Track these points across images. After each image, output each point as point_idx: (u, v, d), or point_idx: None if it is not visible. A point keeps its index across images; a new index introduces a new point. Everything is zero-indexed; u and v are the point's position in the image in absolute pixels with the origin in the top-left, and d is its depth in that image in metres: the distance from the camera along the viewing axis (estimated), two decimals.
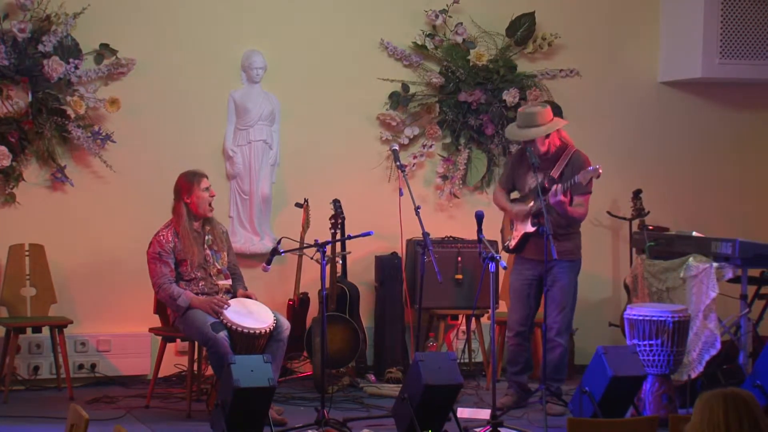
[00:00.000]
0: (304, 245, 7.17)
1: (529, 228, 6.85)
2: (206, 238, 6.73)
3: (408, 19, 8.16)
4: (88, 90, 7.42)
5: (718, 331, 6.83)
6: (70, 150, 7.48)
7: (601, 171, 6.58)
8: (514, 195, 7.11)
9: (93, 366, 7.50)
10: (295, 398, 7.14)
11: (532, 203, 6.82)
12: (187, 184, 6.70)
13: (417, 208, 6.66)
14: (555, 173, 6.78)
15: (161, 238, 6.65)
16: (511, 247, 7.01)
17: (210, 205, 6.72)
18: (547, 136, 6.80)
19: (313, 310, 7.67)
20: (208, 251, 6.70)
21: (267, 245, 7.58)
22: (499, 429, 6.08)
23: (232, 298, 6.68)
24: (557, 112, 8.36)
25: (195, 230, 6.69)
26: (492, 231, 7.34)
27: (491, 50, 8.28)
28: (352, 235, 6.70)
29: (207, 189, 6.69)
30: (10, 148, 7.23)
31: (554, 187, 6.62)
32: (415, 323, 6.89)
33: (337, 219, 7.50)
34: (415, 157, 8.19)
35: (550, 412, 6.56)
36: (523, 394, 6.96)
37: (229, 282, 6.75)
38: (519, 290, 6.95)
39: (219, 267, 6.74)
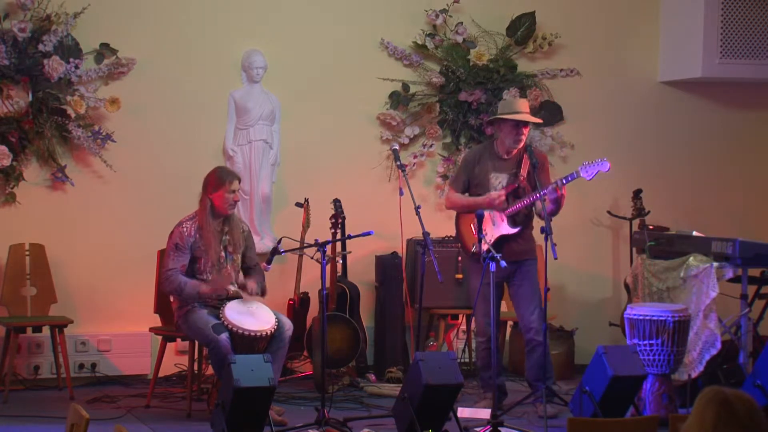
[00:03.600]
0: (305, 245, 7.17)
1: (507, 230, 6.71)
2: (224, 238, 6.69)
3: (408, 18, 8.17)
4: (89, 90, 7.42)
5: (719, 330, 6.83)
6: (71, 150, 7.48)
7: (610, 165, 6.52)
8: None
9: (93, 366, 7.50)
10: (296, 398, 7.14)
11: (509, 185, 6.69)
12: (216, 181, 6.59)
13: (417, 208, 6.64)
14: (523, 171, 6.72)
15: (183, 230, 6.58)
16: (483, 252, 6.47)
17: (231, 206, 6.63)
18: None
19: (314, 309, 7.67)
20: (222, 252, 6.68)
21: (267, 245, 7.58)
22: (499, 429, 6.07)
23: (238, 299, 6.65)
24: (557, 111, 8.39)
25: (215, 229, 6.63)
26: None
27: (491, 50, 8.28)
28: (352, 234, 6.69)
29: (233, 192, 6.57)
30: (10, 148, 7.23)
31: (556, 181, 6.57)
32: (416, 323, 6.88)
33: (338, 219, 7.50)
34: (415, 157, 8.19)
35: (543, 414, 6.55)
36: (503, 396, 6.86)
37: (236, 288, 6.71)
38: (488, 294, 6.55)
39: (229, 270, 6.68)
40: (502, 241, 6.73)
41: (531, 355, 6.79)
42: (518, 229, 6.72)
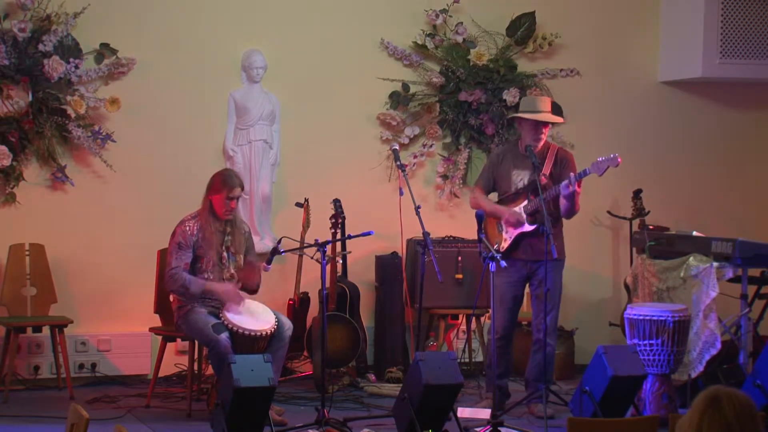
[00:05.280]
0: (305, 245, 7.17)
1: (527, 227, 6.77)
2: (226, 239, 6.67)
3: (408, 18, 8.17)
4: (89, 90, 7.42)
5: (719, 330, 6.83)
6: (71, 150, 7.48)
7: (620, 160, 6.54)
8: (492, 197, 7.01)
9: (93, 366, 7.50)
10: (296, 398, 7.14)
11: (525, 202, 6.76)
12: (218, 184, 6.58)
13: (417, 208, 6.64)
14: (546, 171, 6.74)
15: (186, 228, 6.57)
16: (502, 250, 6.71)
17: (227, 212, 6.61)
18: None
19: (314, 309, 7.67)
20: (224, 253, 6.67)
21: (267, 245, 7.58)
22: (499, 429, 6.08)
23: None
24: (557, 111, 8.38)
25: (217, 229, 6.62)
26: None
27: (491, 50, 8.28)
28: (352, 234, 6.69)
29: (232, 198, 6.55)
30: (10, 148, 7.23)
31: (570, 175, 6.57)
32: (415, 323, 6.88)
33: (338, 219, 7.50)
34: (415, 157, 8.19)
35: (539, 414, 6.54)
36: (504, 397, 6.85)
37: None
38: (506, 292, 6.73)
39: (232, 271, 6.67)
40: (521, 238, 6.76)
41: (536, 356, 6.80)
42: (536, 226, 6.71)
